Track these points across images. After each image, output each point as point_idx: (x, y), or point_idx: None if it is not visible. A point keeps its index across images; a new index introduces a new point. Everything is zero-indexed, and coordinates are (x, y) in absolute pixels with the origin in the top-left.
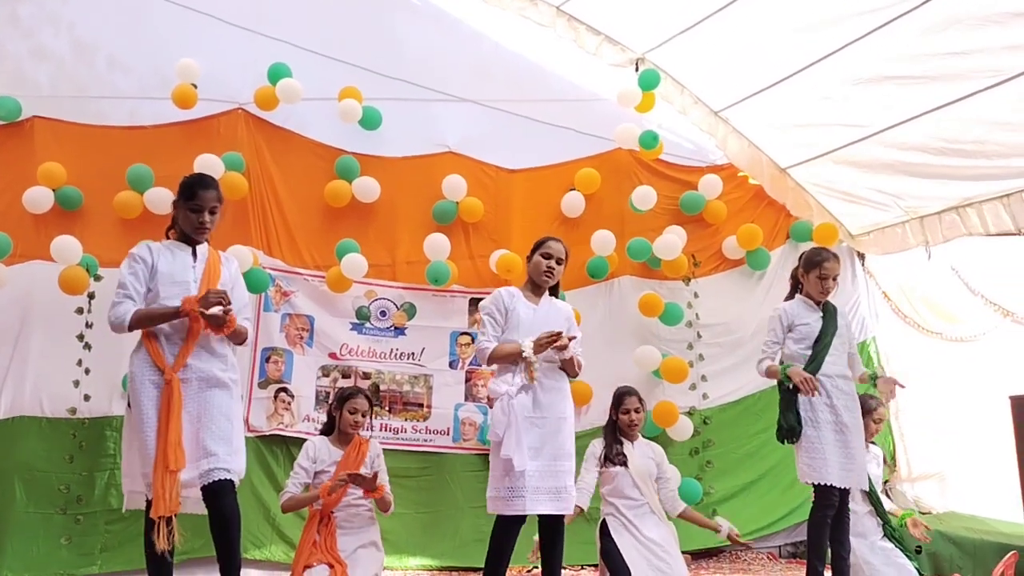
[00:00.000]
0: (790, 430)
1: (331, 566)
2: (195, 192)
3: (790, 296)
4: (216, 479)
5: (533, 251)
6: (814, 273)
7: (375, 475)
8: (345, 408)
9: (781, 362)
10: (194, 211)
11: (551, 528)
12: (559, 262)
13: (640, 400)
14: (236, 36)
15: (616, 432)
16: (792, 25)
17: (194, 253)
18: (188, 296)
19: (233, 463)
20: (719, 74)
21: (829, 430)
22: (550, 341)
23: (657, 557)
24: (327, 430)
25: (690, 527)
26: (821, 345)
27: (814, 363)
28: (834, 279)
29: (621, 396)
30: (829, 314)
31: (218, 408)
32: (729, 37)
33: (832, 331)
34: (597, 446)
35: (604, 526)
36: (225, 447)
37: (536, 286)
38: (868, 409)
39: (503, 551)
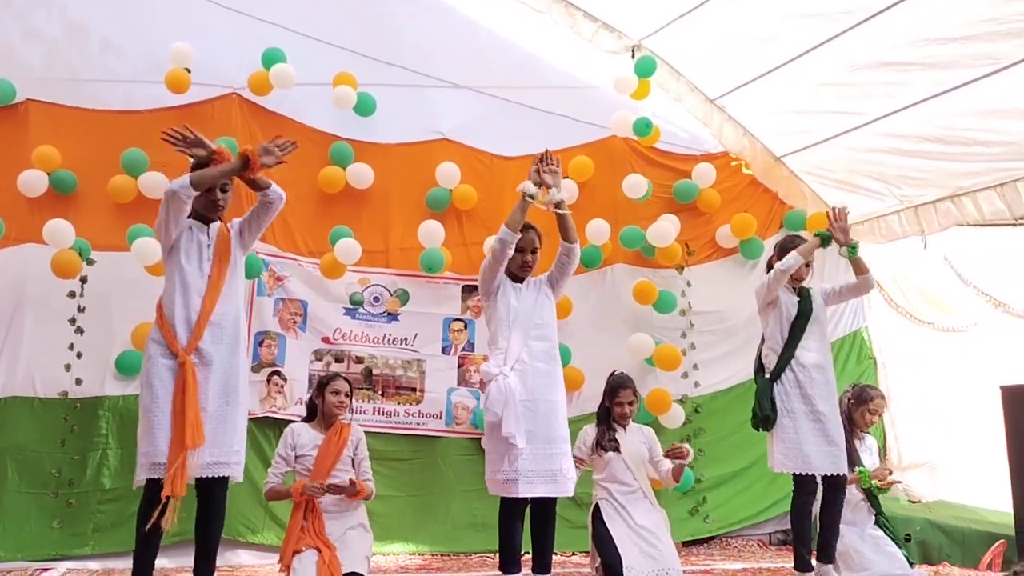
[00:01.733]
0: (765, 419)
1: (319, 550)
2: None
3: None
4: (216, 475)
5: None
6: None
7: (352, 482)
8: (327, 392)
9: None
10: (207, 189)
11: (544, 511)
12: (534, 252)
13: (635, 392)
14: (230, 19)
15: (609, 420)
16: (788, 11)
17: (207, 233)
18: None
19: (235, 456)
20: (715, 61)
21: (805, 419)
22: (541, 167)
23: (648, 544)
24: (309, 418)
25: (681, 516)
26: (797, 328)
27: (790, 347)
28: (807, 265)
29: (616, 388)
30: (804, 298)
31: (225, 396)
32: (725, 23)
33: (808, 312)
34: (589, 433)
35: (597, 510)
36: (229, 439)
37: (517, 275)
38: (864, 399)
39: (512, 534)
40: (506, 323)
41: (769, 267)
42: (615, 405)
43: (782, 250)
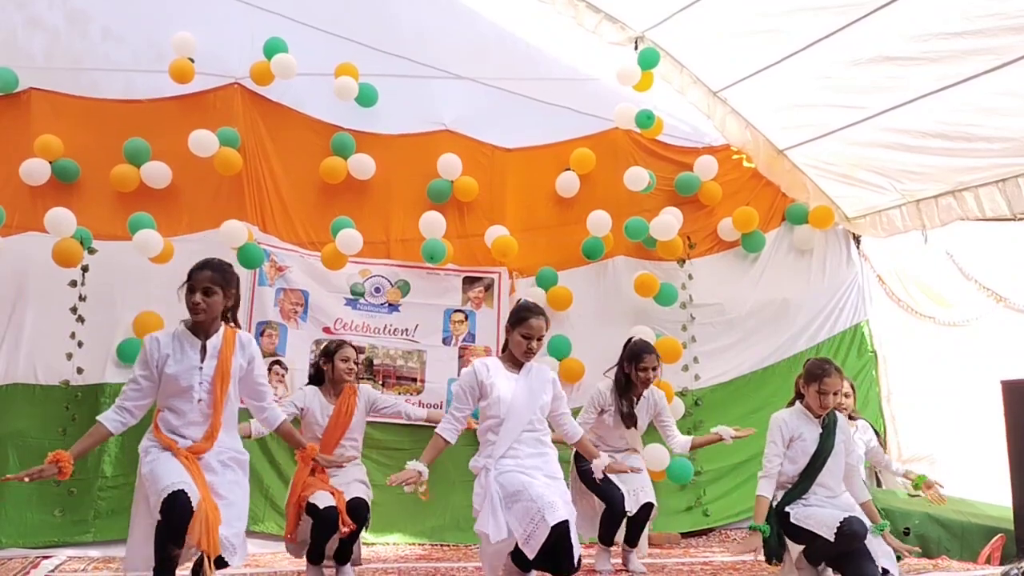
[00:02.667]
0: (769, 555)
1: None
2: (190, 274)
3: (791, 403)
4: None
5: (513, 324)
6: (814, 387)
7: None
8: (336, 359)
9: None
10: (189, 291)
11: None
12: (540, 339)
13: (658, 357)
14: (232, 9)
15: (630, 390)
16: (792, 5)
17: (204, 348)
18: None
19: (238, 548)
20: (718, 54)
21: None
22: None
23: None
24: (315, 381)
25: (681, 509)
26: (812, 469)
27: (802, 485)
28: (835, 394)
29: (640, 353)
30: (828, 430)
31: (227, 488)
32: (729, 16)
33: (828, 450)
34: (605, 393)
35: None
36: (233, 529)
37: (518, 360)
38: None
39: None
40: (497, 419)
41: (796, 388)
42: (639, 370)
43: (808, 376)
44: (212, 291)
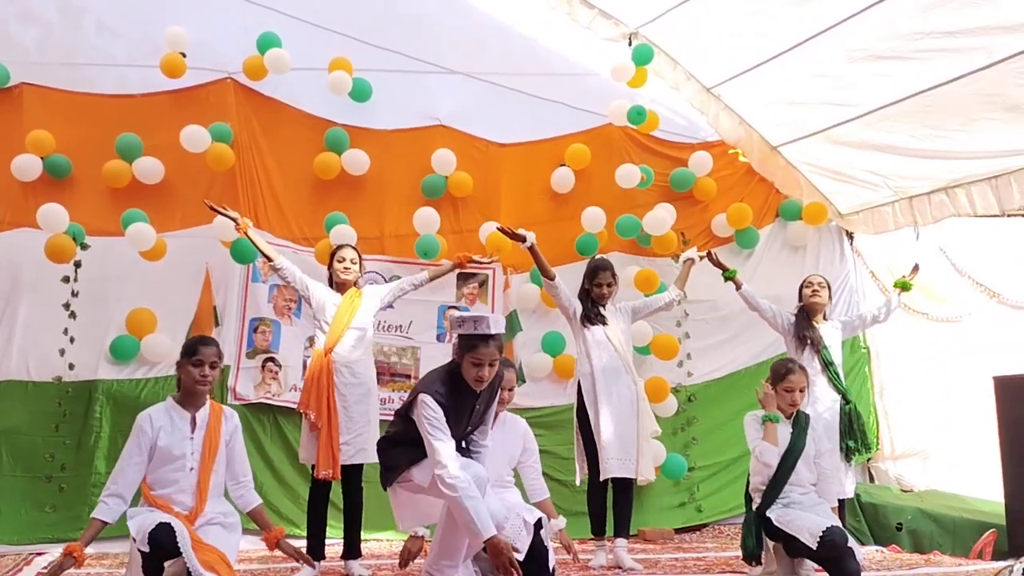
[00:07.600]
0: (749, 555)
1: None
2: (195, 349)
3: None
4: None
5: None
6: (780, 385)
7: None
8: (334, 260)
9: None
10: (195, 364)
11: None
12: (511, 390)
13: (613, 275)
14: (226, 3)
15: (590, 300)
16: (785, 0)
17: (193, 420)
18: None
19: None
20: (712, 50)
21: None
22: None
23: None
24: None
25: (674, 504)
26: (785, 467)
27: (776, 487)
28: (800, 391)
29: (595, 270)
30: (800, 429)
31: (214, 536)
32: (723, 12)
33: (800, 449)
34: (576, 306)
35: (581, 406)
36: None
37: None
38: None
39: None
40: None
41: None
42: (594, 286)
43: (774, 376)
44: (216, 365)
